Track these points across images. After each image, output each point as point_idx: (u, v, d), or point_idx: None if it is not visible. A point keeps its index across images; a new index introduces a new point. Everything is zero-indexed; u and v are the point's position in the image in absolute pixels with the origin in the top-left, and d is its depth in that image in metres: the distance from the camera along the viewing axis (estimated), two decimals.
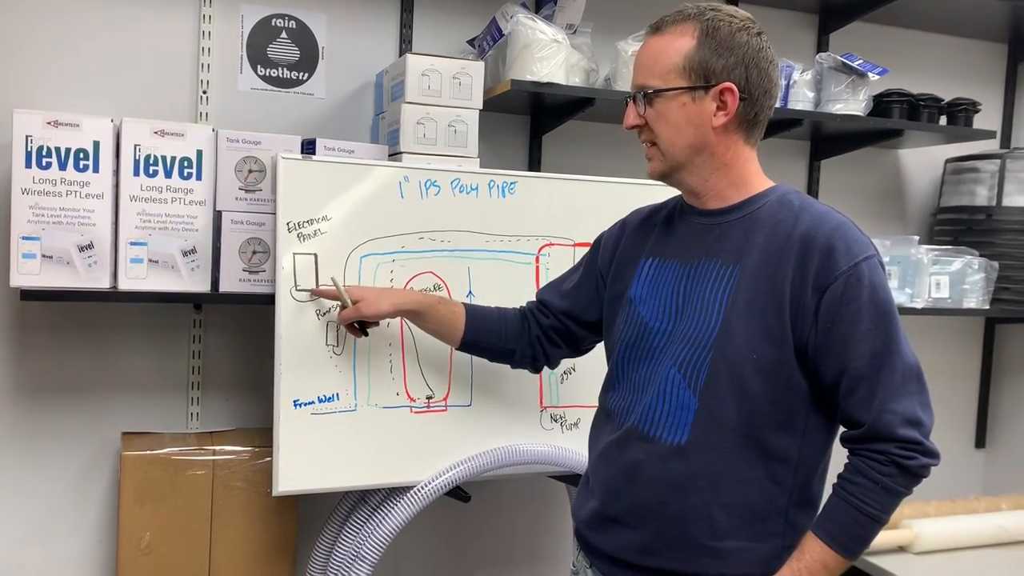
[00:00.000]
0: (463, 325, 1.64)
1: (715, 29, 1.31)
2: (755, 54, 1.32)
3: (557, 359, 1.69)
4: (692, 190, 1.39)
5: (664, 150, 1.36)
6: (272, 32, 2.12)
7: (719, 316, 1.30)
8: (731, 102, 1.31)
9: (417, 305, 1.66)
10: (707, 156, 1.35)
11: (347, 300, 1.68)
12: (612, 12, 2.37)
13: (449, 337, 1.68)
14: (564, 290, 1.63)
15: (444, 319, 1.66)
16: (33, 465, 2.00)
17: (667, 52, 1.33)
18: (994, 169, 2.63)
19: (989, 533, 2.29)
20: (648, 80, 1.35)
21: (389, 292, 1.73)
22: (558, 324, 1.63)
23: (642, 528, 1.34)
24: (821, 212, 1.31)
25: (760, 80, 1.32)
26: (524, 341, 1.64)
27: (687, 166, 1.36)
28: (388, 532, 1.79)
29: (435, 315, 1.66)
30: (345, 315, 1.69)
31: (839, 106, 2.37)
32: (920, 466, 1.23)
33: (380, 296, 1.67)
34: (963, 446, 2.98)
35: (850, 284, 1.24)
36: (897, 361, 1.24)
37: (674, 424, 1.32)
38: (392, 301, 1.66)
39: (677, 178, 1.39)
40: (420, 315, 1.67)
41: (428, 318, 1.67)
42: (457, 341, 1.66)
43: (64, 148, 1.74)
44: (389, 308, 1.66)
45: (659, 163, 1.38)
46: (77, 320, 2.00)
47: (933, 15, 2.66)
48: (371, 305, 1.65)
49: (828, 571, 1.25)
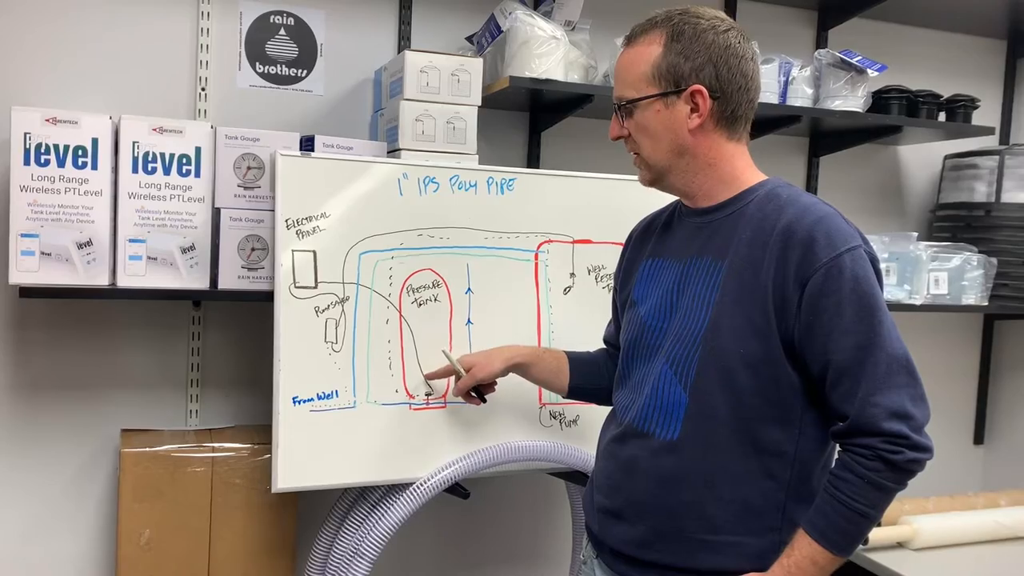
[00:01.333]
0: (568, 371, 1.67)
1: (680, 32, 1.32)
2: (722, 52, 1.32)
3: None
4: (682, 192, 1.41)
5: (647, 158, 1.38)
6: (271, 29, 2.12)
7: (707, 312, 1.31)
8: (703, 103, 1.32)
9: (525, 358, 1.70)
10: (689, 158, 1.36)
11: (460, 371, 1.72)
12: (611, 8, 2.37)
13: (557, 384, 1.70)
14: (614, 326, 1.65)
15: (551, 368, 1.69)
16: (32, 462, 2.00)
17: (637, 62, 1.35)
18: (993, 165, 2.63)
19: (988, 529, 2.30)
20: (623, 92, 1.37)
21: (497, 352, 1.73)
22: None
23: (639, 523, 1.35)
24: (806, 204, 1.30)
25: (731, 76, 1.32)
26: None
27: (672, 170, 1.37)
28: (387, 529, 1.80)
29: (543, 365, 1.69)
30: (462, 385, 1.72)
31: (838, 102, 2.37)
32: (907, 460, 1.20)
33: (490, 358, 1.70)
34: (962, 442, 2.98)
35: (831, 276, 1.23)
36: (881, 353, 1.22)
37: (667, 420, 1.33)
38: (503, 358, 1.69)
39: (666, 183, 1.41)
40: (530, 367, 1.70)
41: (537, 368, 1.69)
42: (565, 388, 1.68)
43: (63, 145, 1.74)
44: (501, 366, 1.69)
45: (646, 171, 1.41)
46: (76, 317, 2.00)
47: (932, 11, 2.66)
48: (484, 368, 1.69)
49: (818, 568, 1.24)
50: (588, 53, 2.20)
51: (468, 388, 1.72)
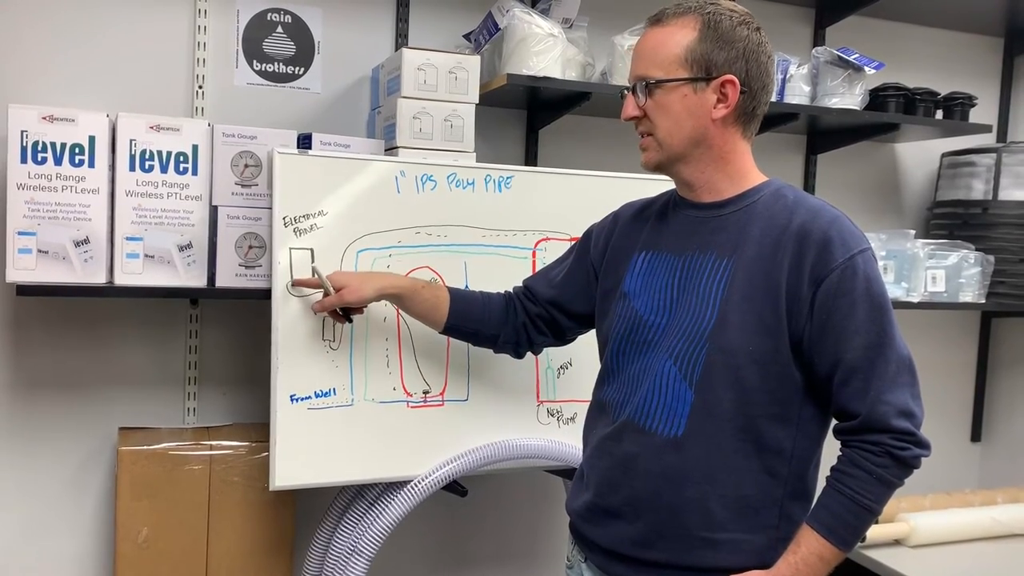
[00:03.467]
0: (447, 309, 1.65)
1: (717, 23, 1.32)
2: (755, 48, 1.33)
3: (541, 346, 1.71)
4: (687, 182, 1.40)
5: (662, 141, 1.36)
6: (268, 27, 2.12)
7: (714, 309, 1.31)
8: (732, 94, 1.32)
9: (400, 289, 1.66)
10: (705, 148, 1.35)
11: (329, 288, 1.66)
12: (608, 6, 2.37)
13: (433, 321, 1.68)
14: (552, 279, 1.64)
15: (428, 303, 1.66)
16: (30, 461, 2.00)
17: (669, 43, 1.33)
18: (990, 163, 2.63)
19: (984, 526, 2.30)
20: (649, 71, 1.35)
21: (372, 277, 1.71)
22: (544, 313, 1.64)
23: (637, 520, 1.35)
24: (816, 206, 1.33)
25: (759, 74, 1.34)
26: (508, 327, 1.65)
27: (685, 158, 1.37)
28: (385, 526, 1.80)
29: (419, 299, 1.66)
30: (326, 303, 1.67)
31: (835, 100, 2.37)
32: (913, 456, 1.25)
33: (363, 282, 1.66)
34: (959, 440, 2.98)
35: (846, 276, 1.26)
36: (891, 353, 1.25)
37: (670, 417, 1.33)
38: (375, 285, 1.66)
39: (674, 170, 1.39)
40: (404, 299, 1.67)
41: (412, 301, 1.67)
42: (441, 324, 1.67)
43: (59, 143, 1.74)
44: (372, 293, 1.65)
45: (655, 153, 1.38)
46: (73, 315, 2.00)
47: (929, 9, 2.66)
48: (354, 292, 1.65)
49: (824, 563, 1.26)
50: (585, 51, 2.20)
51: (332, 307, 1.68)
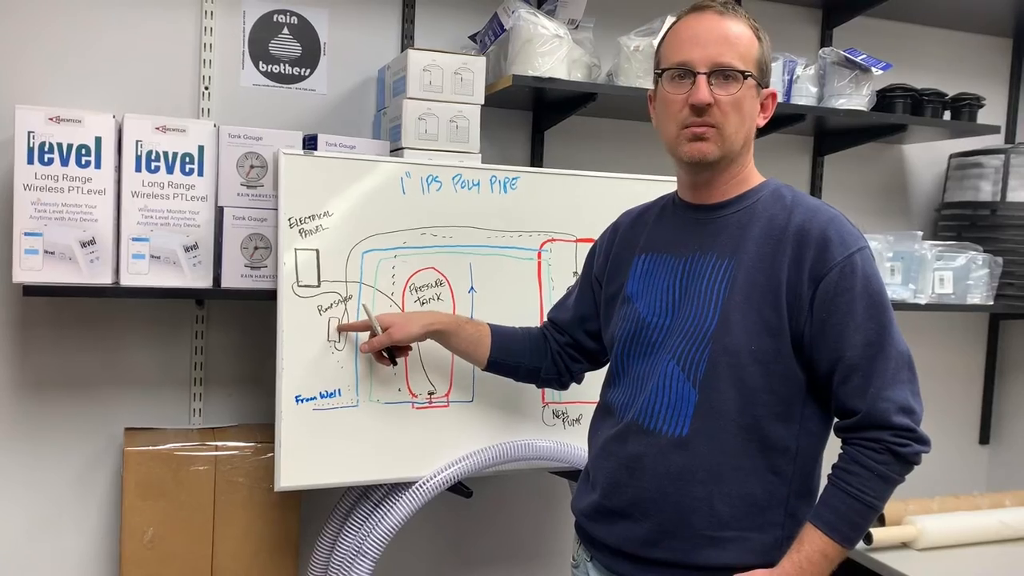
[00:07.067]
0: (489, 344, 1.66)
1: (761, 31, 1.36)
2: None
3: (581, 374, 1.71)
4: (709, 181, 1.38)
5: (727, 136, 1.32)
6: (274, 28, 2.12)
7: (716, 309, 1.31)
8: (770, 107, 1.38)
9: (445, 325, 1.68)
10: (744, 151, 1.37)
11: (378, 328, 1.69)
12: (614, 7, 2.37)
13: (476, 357, 1.68)
14: (568, 305, 1.65)
15: (472, 338, 1.67)
16: (36, 461, 2.00)
17: (745, 40, 1.33)
18: (998, 164, 2.62)
19: (992, 529, 2.29)
20: (736, 61, 1.31)
21: (417, 315, 1.73)
22: (570, 339, 1.65)
23: (644, 520, 1.35)
24: (814, 205, 1.34)
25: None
26: (548, 359, 1.66)
27: (734, 157, 1.36)
28: (390, 528, 1.80)
29: (464, 334, 1.67)
30: (374, 343, 1.69)
31: (842, 101, 2.36)
32: (914, 453, 1.25)
33: (409, 320, 1.69)
34: (967, 442, 2.96)
35: (845, 274, 1.26)
36: (891, 350, 1.26)
37: (674, 417, 1.33)
38: (421, 323, 1.68)
39: (720, 167, 1.35)
40: (448, 334, 1.68)
41: (457, 337, 1.68)
42: (484, 360, 1.67)
43: (66, 144, 1.74)
44: (419, 330, 1.67)
45: (716, 147, 1.32)
46: (79, 316, 2.01)
47: (937, 9, 2.65)
48: (401, 329, 1.66)
49: (828, 560, 1.26)
50: (591, 52, 2.19)
51: (381, 347, 1.70)
